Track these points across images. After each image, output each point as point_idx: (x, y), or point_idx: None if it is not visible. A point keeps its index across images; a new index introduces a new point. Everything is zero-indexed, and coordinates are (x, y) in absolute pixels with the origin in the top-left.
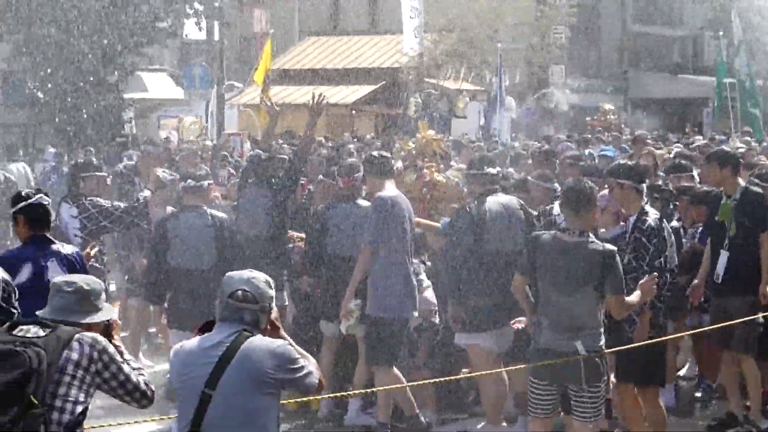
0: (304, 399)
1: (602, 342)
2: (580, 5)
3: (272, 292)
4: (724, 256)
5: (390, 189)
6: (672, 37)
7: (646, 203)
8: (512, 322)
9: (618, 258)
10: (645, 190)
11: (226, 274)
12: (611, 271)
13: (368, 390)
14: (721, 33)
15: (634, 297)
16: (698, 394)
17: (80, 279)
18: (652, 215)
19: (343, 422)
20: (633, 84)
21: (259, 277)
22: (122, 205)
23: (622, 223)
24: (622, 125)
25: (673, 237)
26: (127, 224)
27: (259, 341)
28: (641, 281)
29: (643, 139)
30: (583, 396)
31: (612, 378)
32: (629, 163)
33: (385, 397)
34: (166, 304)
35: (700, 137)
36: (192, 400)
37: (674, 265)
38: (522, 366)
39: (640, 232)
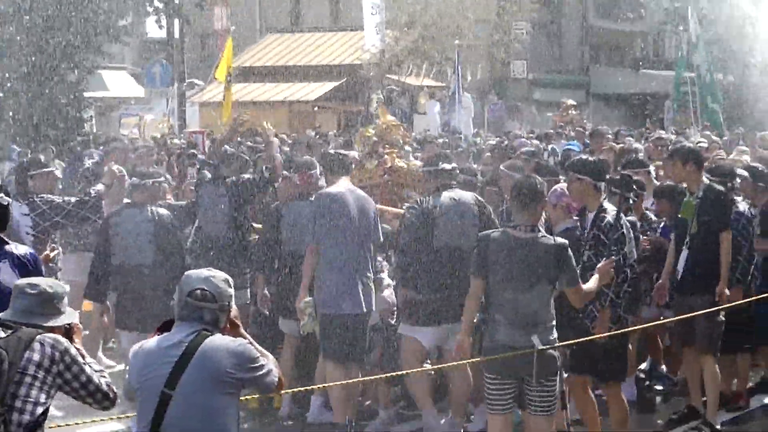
0: (267, 397)
1: (555, 336)
2: (542, 1)
3: (231, 291)
4: (684, 254)
5: (341, 185)
6: (633, 32)
7: (605, 199)
8: None
9: (570, 251)
10: (603, 186)
11: (185, 273)
12: (565, 264)
13: (322, 385)
14: (680, 28)
15: (592, 283)
16: (659, 387)
17: (44, 282)
18: (611, 212)
19: (306, 420)
20: (595, 79)
21: (218, 275)
22: (73, 199)
23: (575, 218)
24: (584, 120)
25: (631, 232)
26: (80, 219)
27: (218, 340)
28: (599, 265)
29: (602, 134)
30: (538, 391)
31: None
32: (590, 158)
33: (338, 395)
34: (110, 303)
35: (663, 132)
36: (152, 400)
37: (633, 260)
38: (477, 359)
39: (599, 229)
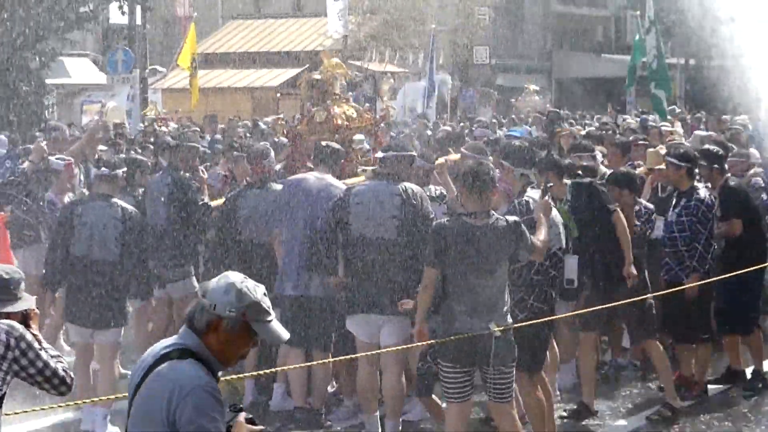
0: (230, 384)
1: (510, 321)
2: None
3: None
4: (574, 259)
5: (312, 174)
6: (595, 17)
7: (532, 185)
8: (401, 303)
9: (522, 225)
10: (529, 172)
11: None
12: (522, 238)
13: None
14: (638, 13)
15: (541, 233)
16: (625, 373)
17: None
18: (532, 198)
19: (269, 408)
20: (557, 64)
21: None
22: None
23: (514, 202)
24: (547, 105)
25: (554, 215)
26: (7, 198)
27: None
28: (534, 205)
29: (555, 119)
30: (498, 377)
31: None
32: (517, 144)
33: (296, 379)
34: (59, 294)
35: (628, 116)
36: None
37: (558, 248)
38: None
39: (520, 215)
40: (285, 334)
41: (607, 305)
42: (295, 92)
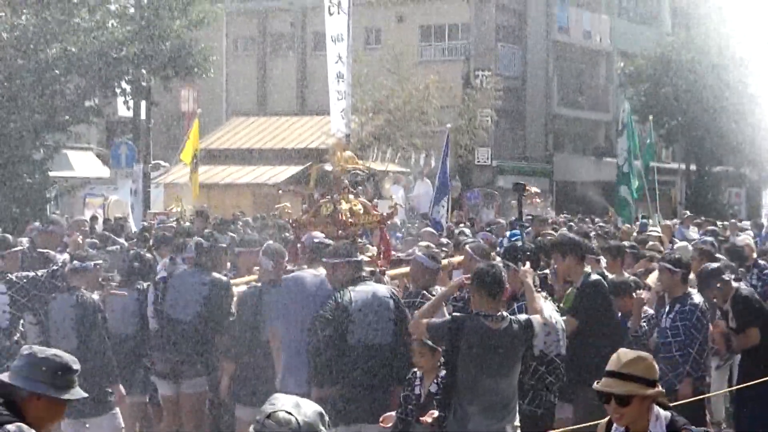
0: None
1: (518, 419)
2: (507, 89)
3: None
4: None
5: (308, 271)
6: (597, 121)
7: (537, 289)
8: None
9: (532, 320)
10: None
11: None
12: (533, 335)
13: None
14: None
15: (536, 304)
16: None
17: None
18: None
19: None
20: (558, 167)
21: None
22: (42, 271)
23: (514, 306)
24: (548, 208)
25: (555, 321)
26: (50, 288)
27: None
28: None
29: (543, 221)
30: None
31: None
32: (518, 245)
33: None
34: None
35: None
36: None
37: (555, 354)
38: None
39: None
40: None
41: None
42: (297, 189)
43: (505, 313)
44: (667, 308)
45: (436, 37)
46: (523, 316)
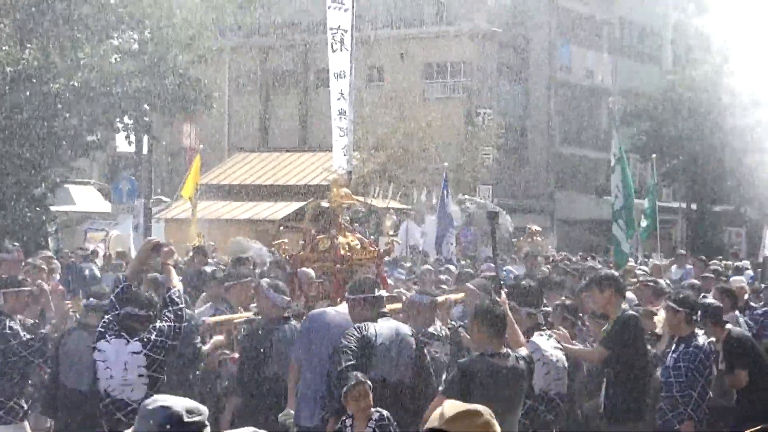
0: None
1: None
2: (508, 126)
3: None
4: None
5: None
6: (598, 160)
7: (540, 327)
8: None
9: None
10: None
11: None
12: (533, 371)
13: None
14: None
15: (516, 334)
16: None
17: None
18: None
19: None
20: (560, 205)
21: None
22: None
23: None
24: (549, 246)
25: (556, 360)
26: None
27: None
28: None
29: (534, 256)
30: None
31: None
32: (524, 284)
33: None
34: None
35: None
36: None
37: (555, 392)
38: None
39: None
40: None
41: None
42: (298, 225)
43: (509, 350)
44: (673, 347)
45: (438, 75)
46: (523, 351)
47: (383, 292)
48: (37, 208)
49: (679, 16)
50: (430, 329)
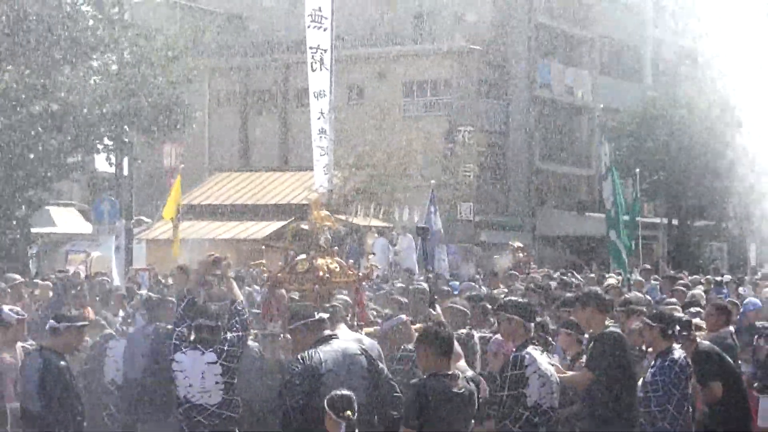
0: None
1: None
2: (489, 143)
3: None
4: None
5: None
6: (579, 176)
7: (533, 342)
8: None
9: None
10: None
11: None
12: (479, 392)
13: None
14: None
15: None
16: None
17: None
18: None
19: None
20: (541, 221)
21: None
22: None
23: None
24: (531, 263)
25: (550, 374)
26: None
27: None
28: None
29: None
30: None
31: None
32: (520, 300)
33: None
34: None
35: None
36: None
37: (549, 406)
38: None
39: (512, 368)
40: None
41: None
42: (280, 245)
43: (457, 371)
44: (652, 362)
45: (418, 93)
46: (470, 373)
47: (323, 315)
48: (18, 230)
49: (659, 33)
50: (410, 345)
